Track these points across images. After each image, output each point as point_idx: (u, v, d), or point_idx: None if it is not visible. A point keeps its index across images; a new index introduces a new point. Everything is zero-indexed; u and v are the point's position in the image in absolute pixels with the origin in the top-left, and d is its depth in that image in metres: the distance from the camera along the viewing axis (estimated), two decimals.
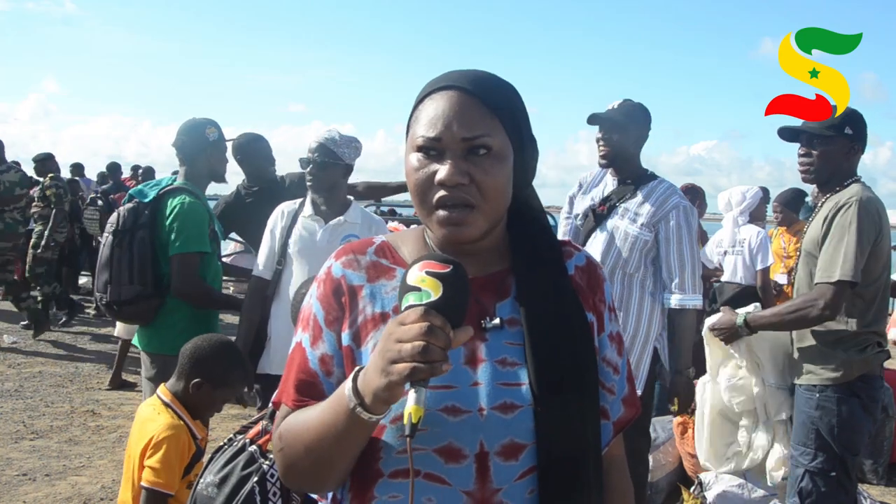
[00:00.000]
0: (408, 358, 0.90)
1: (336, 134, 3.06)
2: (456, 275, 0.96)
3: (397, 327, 0.93)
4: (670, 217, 3.00)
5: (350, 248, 1.19)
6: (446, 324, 0.93)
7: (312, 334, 1.13)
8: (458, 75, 1.11)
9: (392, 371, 0.91)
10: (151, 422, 2.21)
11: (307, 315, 1.16)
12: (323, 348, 1.12)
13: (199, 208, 3.08)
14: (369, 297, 1.13)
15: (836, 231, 2.61)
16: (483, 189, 1.06)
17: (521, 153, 1.12)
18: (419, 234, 1.20)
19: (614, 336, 1.21)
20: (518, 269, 1.15)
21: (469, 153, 1.06)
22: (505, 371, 1.08)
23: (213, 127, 3.24)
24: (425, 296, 0.94)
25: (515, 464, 1.05)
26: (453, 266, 0.97)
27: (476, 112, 1.07)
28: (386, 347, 0.93)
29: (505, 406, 1.06)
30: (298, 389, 1.11)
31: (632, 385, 1.23)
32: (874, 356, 2.68)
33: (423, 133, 1.07)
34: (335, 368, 1.11)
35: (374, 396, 0.94)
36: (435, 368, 0.91)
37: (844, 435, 2.65)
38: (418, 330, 0.91)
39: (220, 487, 1.54)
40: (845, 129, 2.70)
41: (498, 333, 1.10)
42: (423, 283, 0.95)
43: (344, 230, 3.05)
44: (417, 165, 1.08)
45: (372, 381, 0.94)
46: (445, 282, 0.95)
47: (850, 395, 2.65)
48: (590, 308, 1.17)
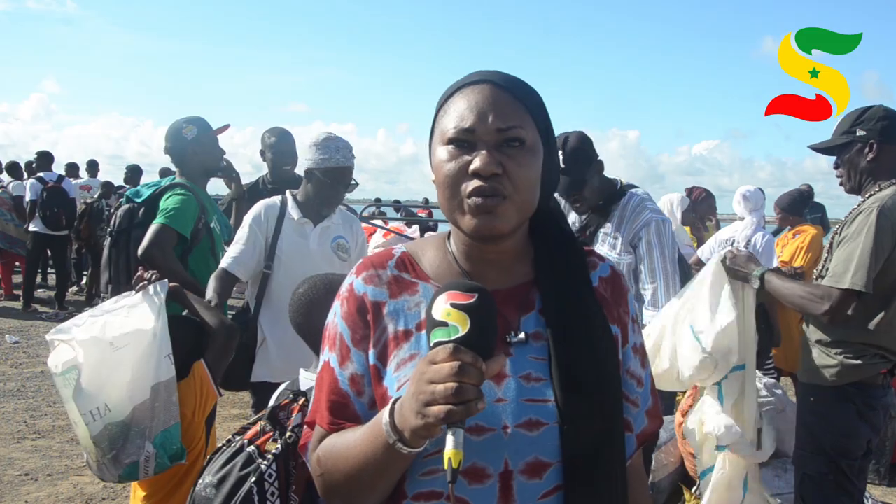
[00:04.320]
0: (441, 400, 0.89)
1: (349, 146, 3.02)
2: (482, 304, 0.94)
3: (428, 367, 0.92)
4: (641, 235, 2.98)
5: (370, 262, 1.17)
6: (477, 359, 0.91)
7: (340, 354, 1.13)
8: (488, 73, 1.11)
9: (428, 413, 0.90)
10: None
11: (333, 334, 1.15)
12: (352, 368, 1.11)
13: (191, 200, 3.13)
14: (392, 313, 1.11)
15: (853, 234, 2.54)
16: (516, 181, 1.04)
17: (549, 153, 1.11)
18: (440, 243, 1.19)
19: (638, 348, 1.19)
20: (542, 281, 1.13)
21: (503, 145, 1.04)
22: (530, 387, 1.06)
23: (191, 125, 3.27)
24: (453, 331, 0.92)
25: (539, 482, 1.04)
26: (479, 295, 0.94)
27: (510, 105, 1.07)
28: (419, 389, 0.92)
29: (530, 423, 1.04)
30: (332, 412, 1.11)
31: (655, 397, 1.21)
32: (869, 365, 2.60)
33: (456, 125, 1.05)
34: (366, 388, 1.10)
35: (412, 434, 0.94)
36: (470, 408, 0.89)
37: (837, 440, 2.62)
38: (449, 370, 0.89)
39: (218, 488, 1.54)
40: (856, 131, 2.66)
41: (522, 348, 1.08)
42: (450, 318, 0.93)
43: (331, 232, 3.07)
44: (448, 157, 1.06)
45: (408, 421, 0.94)
46: (472, 314, 0.93)
47: (844, 400, 2.61)
48: (614, 320, 1.15)
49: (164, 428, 2.23)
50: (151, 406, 2.21)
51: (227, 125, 3.47)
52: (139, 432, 2.20)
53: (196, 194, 3.19)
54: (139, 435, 2.20)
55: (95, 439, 2.20)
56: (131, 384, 2.21)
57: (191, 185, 3.21)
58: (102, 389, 2.22)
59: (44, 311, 9.08)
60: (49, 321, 8.54)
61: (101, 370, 2.23)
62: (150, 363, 2.22)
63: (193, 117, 3.33)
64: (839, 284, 2.50)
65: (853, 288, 2.47)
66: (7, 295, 9.88)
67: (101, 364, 2.23)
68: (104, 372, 2.23)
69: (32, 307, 9.16)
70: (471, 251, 1.12)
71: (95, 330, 2.28)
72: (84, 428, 2.21)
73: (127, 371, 2.22)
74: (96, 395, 2.21)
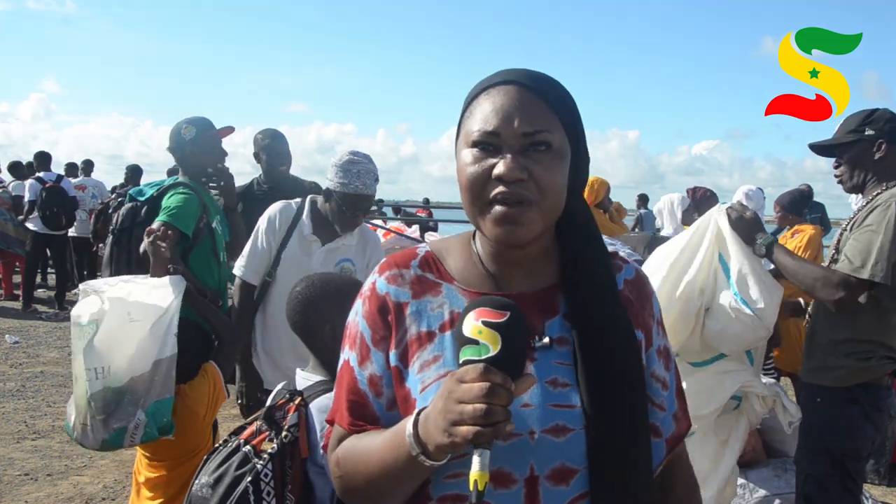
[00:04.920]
0: (469, 421, 0.88)
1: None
2: (514, 323, 0.93)
3: (458, 386, 0.91)
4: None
5: (394, 260, 1.16)
6: (507, 380, 0.90)
7: (360, 353, 1.12)
8: (515, 72, 1.08)
9: (455, 433, 0.90)
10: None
11: (354, 333, 1.14)
12: (371, 369, 1.10)
13: (193, 200, 3.13)
14: (415, 314, 1.10)
15: (871, 226, 2.51)
16: (542, 186, 1.01)
17: (578, 155, 1.09)
18: (465, 242, 1.17)
19: (662, 350, 1.17)
20: (568, 285, 1.11)
21: (529, 149, 1.02)
22: (556, 392, 1.04)
23: (190, 125, 3.28)
24: (483, 350, 0.91)
25: (566, 489, 1.03)
26: (510, 314, 0.93)
27: (537, 107, 1.04)
28: (447, 408, 0.91)
29: (557, 429, 1.02)
30: (352, 412, 1.10)
31: (681, 400, 1.20)
32: (878, 366, 2.59)
33: (480, 128, 1.03)
34: (384, 389, 1.09)
35: (436, 449, 0.93)
36: (498, 430, 0.89)
37: (844, 440, 2.61)
38: (479, 391, 0.88)
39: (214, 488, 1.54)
40: (865, 131, 2.65)
41: (547, 353, 1.07)
42: (481, 336, 0.92)
43: (338, 254, 2.97)
44: (472, 160, 1.04)
45: (434, 437, 0.93)
46: (504, 333, 0.91)
47: (850, 401, 2.60)
48: (639, 324, 1.14)
49: (159, 399, 2.28)
50: (150, 379, 2.27)
51: (231, 127, 3.46)
52: (132, 400, 2.26)
53: (198, 194, 3.20)
54: (132, 402, 2.26)
55: (91, 397, 2.27)
56: (135, 356, 2.28)
57: (193, 184, 3.22)
58: (111, 352, 2.30)
59: (44, 310, 9.09)
60: (49, 321, 8.55)
61: (115, 334, 2.31)
62: (157, 339, 2.29)
63: (196, 118, 3.34)
64: (858, 274, 2.48)
65: (872, 279, 2.46)
66: (7, 295, 9.89)
67: (117, 329, 2.31)
68: (117, 337, 2.31)
69: (32, 307, 9.17)
70: (496, 253, 1.11)
71: (123, 292, 2.37)
72: (84, 384, 2.28)
73: (135, 343, 2.29)
74: (105, 355, 2.29)
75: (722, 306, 2.54)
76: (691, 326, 2.59)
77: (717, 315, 2.55)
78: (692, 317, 2.57)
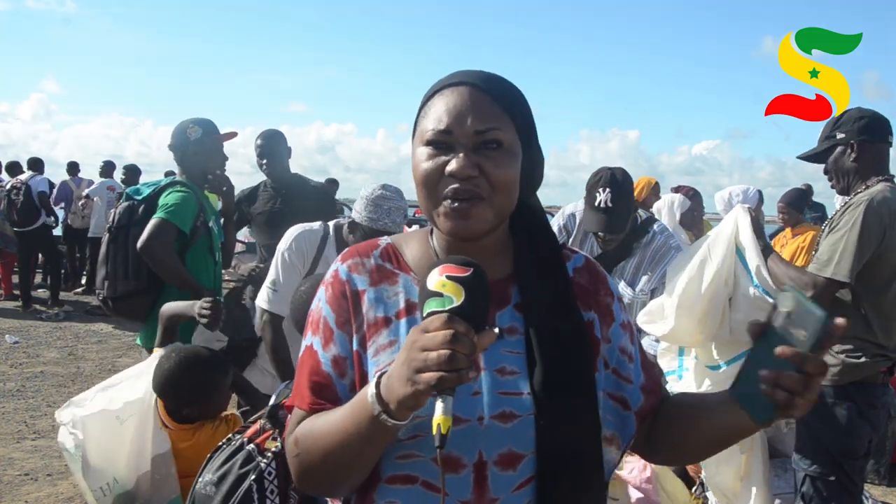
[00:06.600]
0: (434, 367, 0.89)
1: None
2: (477, 277, 0.95)
3: (421, 335, 0.92)
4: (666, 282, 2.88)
5: (356, 249, 1.19)
6: (470, 329, 0.91)
7: (324, 336, 1.13)
8: (468, 74, 1.12)
9: (419, 380, 0.90)
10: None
11: (317, 318, 1.15)
12: (335, 350, 1.11)
13: (190, 198, 3.15)
14: (372, 301, 1.12)
15: (841, 227, 2.58)
16: (493, 181, 1.05)
17: (530, 155, 1.12)
18: (423, 236, 1.20)
19: (626, 325, 1.21)
20: (521, 277, 1.14)
21: (480, 147, 1.05)
22: (504, 380, 1.07)
23: (197, 126, 3.29)
24: (447, 301, 0.93)
25: (513, 474, 1.05)
26: (473, 269, 0.96)
27: (488, 107, 1.07)
28: (410, 357, 0.92)
29: (504, 415, 1.05)
30: (314, 391, 1.11)
31: (648, 373, 1.22)
32: (870, 364, 2.62)
33: (434, 126, 1.07)
34: (348, 370, 1.10)
35: (399, 404, 0.94)
36: (462, 376, 0.90)
37: (840, 439, 2.62)
38: (443, 338, 0.90)
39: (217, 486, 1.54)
40: (836, 135, 2.72)
41: (496, 342, 1.06)
42: (445, 289, 0.94)
43: None
44: (426, 158, 1.07)
45: (397, 390, 0.93)
46: (467, 286, 0.93)
47: (845, 399, 2.62)
48: (592, 306, 1.17)
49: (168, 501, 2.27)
50: (153, 477, 2.26)
51: (234, 133, 3.48)
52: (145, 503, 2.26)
53: (195, 193, 3.21)
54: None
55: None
56: (135, 453, 2.27)
57: (190, 184, 3.23)
58: (110, 463, 2.29)
59: (44, 310, 9.09)
60: (49, 321, 8.54)
61: (109, 444, 2.30)
62: (148, 434, 2.27)
63: (202, 119, 3.34)
64: (823, 273, 2.56)
65: (835, 278, 2.53)
66: (7, 295, 9.89)
67: (109, 438, 2.29)
68: (111, 445, 2.29)
69: (32, 307, 9.17)
70: (450, 246, 1.14)
71: (104, 403, 2.35)
72: (94, 502, 2.29)
73: (129, 442, 2.28)
74: (105, 469, 2.29)
75: (744, 296, 2.59)
76: (720, 317, 2.63)
77: (740, 305, 2.60)
78: (720, 307, 2.62)
